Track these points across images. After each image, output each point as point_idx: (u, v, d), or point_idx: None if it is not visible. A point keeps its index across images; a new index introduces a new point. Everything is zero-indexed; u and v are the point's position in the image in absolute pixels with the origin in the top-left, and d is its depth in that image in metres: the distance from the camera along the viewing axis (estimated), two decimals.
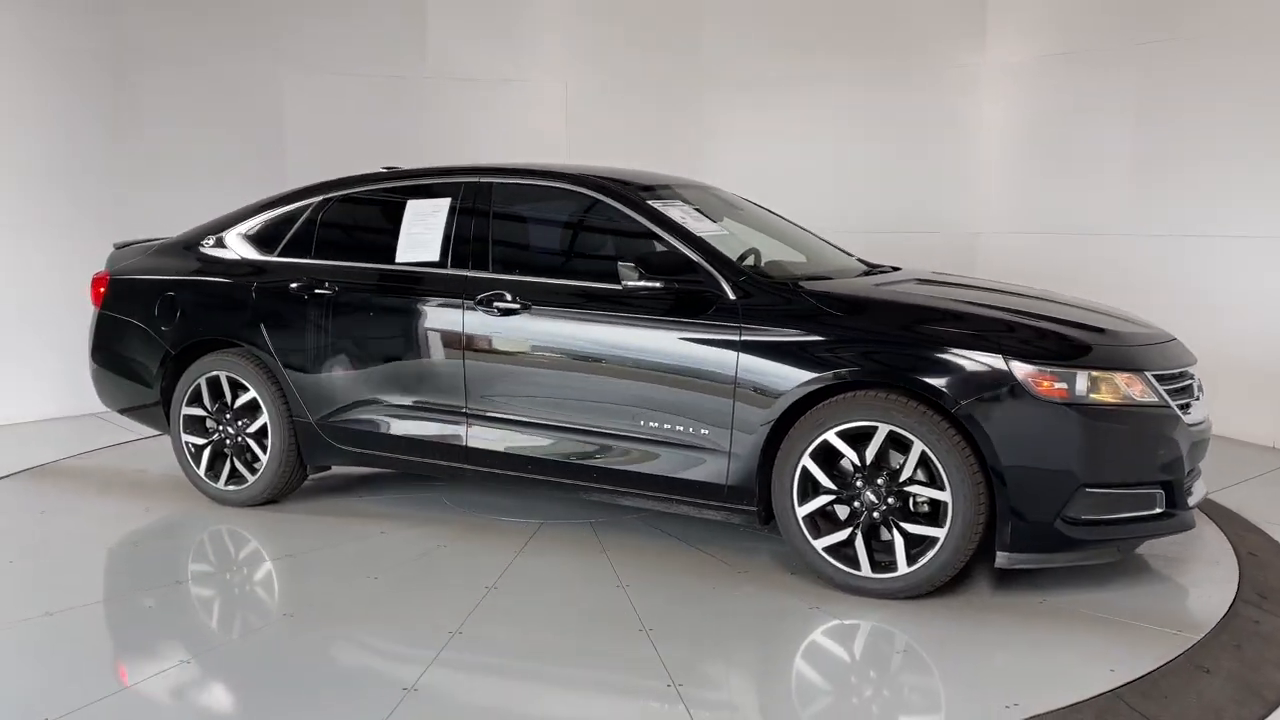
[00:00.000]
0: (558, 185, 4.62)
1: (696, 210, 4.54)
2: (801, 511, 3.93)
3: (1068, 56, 7.07)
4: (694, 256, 4.14)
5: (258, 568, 4.35)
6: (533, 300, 4.37)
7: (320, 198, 5.04)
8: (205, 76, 7.42)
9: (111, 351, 5.41)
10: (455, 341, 4.52)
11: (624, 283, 4.11)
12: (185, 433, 5.13)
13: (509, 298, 4.40)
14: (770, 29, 7.92)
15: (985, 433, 3.63)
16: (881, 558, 3.85)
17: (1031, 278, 5.48)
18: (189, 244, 5.29)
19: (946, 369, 3.71)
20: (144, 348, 5.24)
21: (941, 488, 3.70)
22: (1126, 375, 3.72)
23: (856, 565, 3.86)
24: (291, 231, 5.03)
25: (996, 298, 4.25)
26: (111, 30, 7.09)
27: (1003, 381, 3.65)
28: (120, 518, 4.94)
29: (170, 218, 5.56)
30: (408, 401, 4.67)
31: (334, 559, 4.35)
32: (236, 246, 5.14)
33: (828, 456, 3.89)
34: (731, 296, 4.05)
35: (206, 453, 5.10)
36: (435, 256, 4.65)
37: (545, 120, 8.12)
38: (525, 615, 3.75)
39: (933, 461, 3.70)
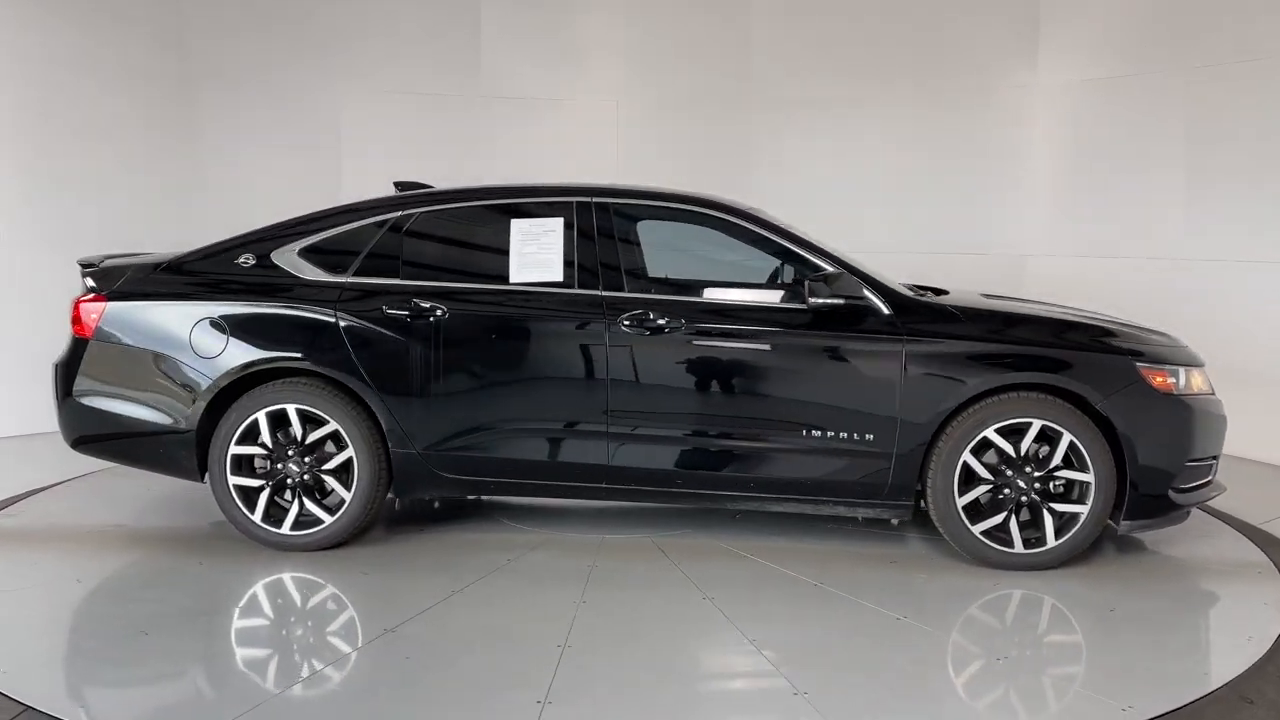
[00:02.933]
0: (687, 208, 4.74)
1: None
2: (961, 501, 4.43)
3: (1119, 80, 7.12)
4: (854, 275, 4.49)
5: (448, 603, 4.01)
6: (685, 318, 4.49)
7: (397, 214, 4.73)
8: (265, 94, 7.75)
9: (111, 386, 4.67)
10: (599, 362, 4.50)
11: (810, 299, 4.38)
12: (234, 474, 4.57)
13: (659, 316, 4.48)
14: (820, 51, 8.03)
15: (1121, 422, 4.36)
16: (1028, 535, 4.45)
17: (1081, 300, 5.63)
18: (222, 262, 4.71)
19: (1090, 370, 4.40)
20: (171, 381, 4.61)
21: (1085, 470, 4.38)
22: (1198, 370, 4.64)
23: (1010, 544, 4.43)
24: (367, 249, 4.67)
25: (1066, 312, 4.97)
26: (176, 51, 7.49)
27: (1132, 379, 4.41)
28: (183, 578, 4.31)
29: (227, 230, 4.89)
30: (541, 425, 4.56)
31: (502, 587, 4.18)
32: (291, 265, 4.67)
33: (977, 450, 4.43)
34: (886, 311, 4.47)
35: (264, 496, 4.58)
36: (558, 276, 4.59)
37: (596, 139, 7.99)
38: (789, 617, 3.92)
39: (1078, 449, 4.36)
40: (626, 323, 4.48)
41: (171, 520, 5.06)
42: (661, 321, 4.48)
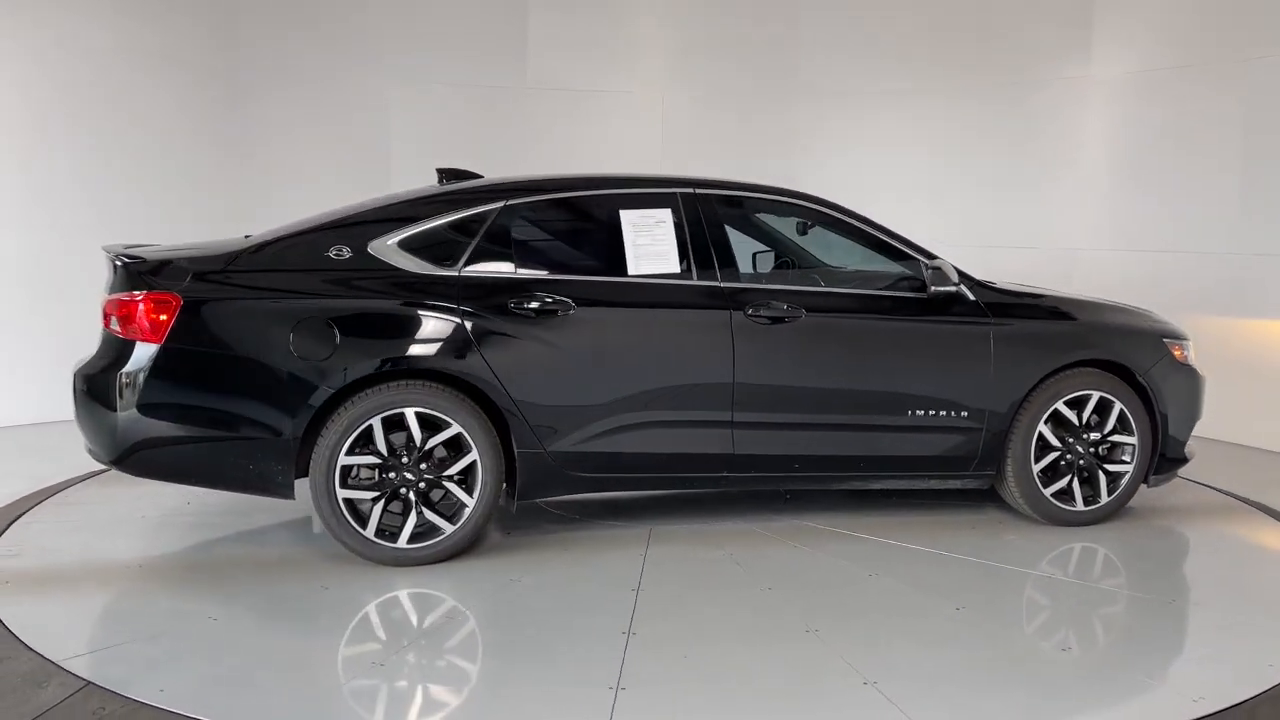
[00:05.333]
0: (788, 200, 4.87)
1: None
2: (1037, 468, 4.93)
3: (1173, 72, 7.01)
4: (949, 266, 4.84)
5: (642, 601, 3.93)
6: (807, 307, 4.64)
7: (499, 204, 4.51)
8: (313, 86, 7.80)
9: (188, 393, 4.15)
10: (724, 352, 4.54)
11: (931, 288, 4.67)
12: (341, 487, 4.20)
13: (781, 305, 4.60)
14: (866, 43, 7.88)
15: (1157, 390, 5.04)
16: (1084, 493, 5.03)
17: (1131, 295, 5.68)
18: (310, 255, 4.27)
19: (1135, 346, 5.04)
20: (268, 387, 4.15)
21: (1130, 434, 5.02)
22: (1191, 342, 5.42)
23: (1073, 502, 5.00)
24: (475, 241, 4.42)
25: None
26: (225, 43, 7.54)
27: (1162, 354, 5.09)
28: (327, 606, 3.92)
29: (274, 221, 4.42)
30: (672, 416, 4.53)
31: (673, 577, 4.18)
32: (392, 257, 4.33)
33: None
34: (971, 298, 4.86)
35: (378, 509, 4.24)
36: (675, 268, 4.59)
37: (642, 130, 7.61)
38: (958, 585, 4.19)
39: (1125, 416, 4.99)
40: (750, 312, 4.56)
41: (188, 540, 4.57)
42: (784, 310, 4.60)
